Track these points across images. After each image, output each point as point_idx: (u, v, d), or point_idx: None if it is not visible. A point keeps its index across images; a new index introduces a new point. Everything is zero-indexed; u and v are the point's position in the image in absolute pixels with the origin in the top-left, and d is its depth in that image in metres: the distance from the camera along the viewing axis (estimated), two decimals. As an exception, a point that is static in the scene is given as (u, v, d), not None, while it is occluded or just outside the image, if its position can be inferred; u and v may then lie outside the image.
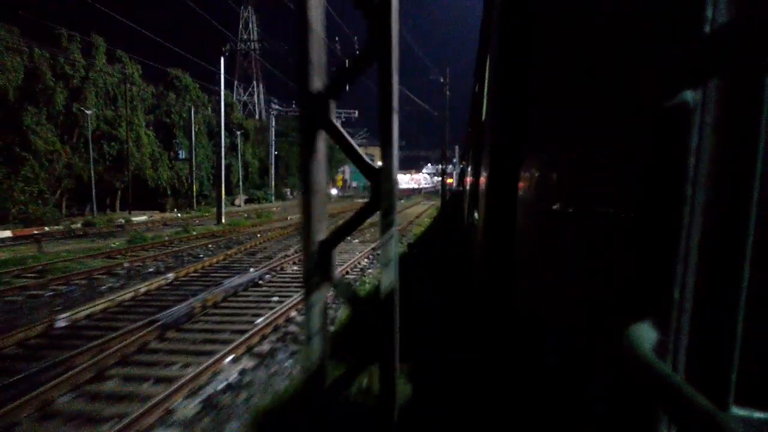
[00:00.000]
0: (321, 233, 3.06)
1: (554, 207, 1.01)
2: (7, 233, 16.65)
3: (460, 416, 2.76)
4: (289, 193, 44.03)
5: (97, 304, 6.81)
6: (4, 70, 20.67)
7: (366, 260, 11.03)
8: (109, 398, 4.13)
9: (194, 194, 31.22)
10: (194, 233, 16.66)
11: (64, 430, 3.62)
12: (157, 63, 33.18)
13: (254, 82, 55.96)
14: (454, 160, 49.96)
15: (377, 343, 2.59)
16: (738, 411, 0.47)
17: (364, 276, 9.24)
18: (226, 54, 20.06)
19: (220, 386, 4.27)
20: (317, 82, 2.99)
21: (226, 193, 36.89)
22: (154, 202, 31.75)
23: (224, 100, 40.89)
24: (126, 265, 10.25)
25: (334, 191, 51.62)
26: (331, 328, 5.65)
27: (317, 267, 2.99)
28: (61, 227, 18.39)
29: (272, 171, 40.72)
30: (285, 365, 4.71)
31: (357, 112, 48.34)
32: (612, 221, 0.65)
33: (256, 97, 55.93)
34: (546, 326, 1.02)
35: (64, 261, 10.51)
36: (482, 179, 2.39)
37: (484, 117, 2.99)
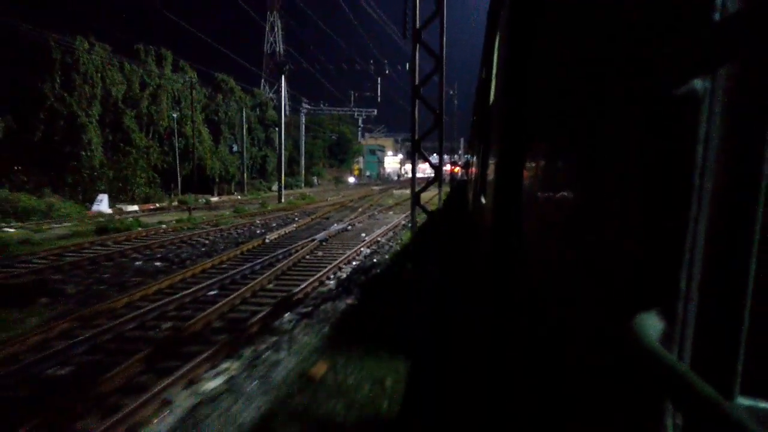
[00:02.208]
0: (416, 188, 9.50)
1: (558, 193, 1.00)
2: (135, 207, 23.01)
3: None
4: (315, 180, 50.25)
5: (272, 235, 13.05)
6: (114, 83, 26.83)
7: (407, 219, 17.29)
8: (321, 258, 10.39)
9: (245, 181, 37.38)
10: (269, 208, 22.90)
11: (306, 273, 9.85)
12: (189, 59, 39.01)
13: (280, 81, 62.08)
14: (460, 151, 55.70)
15: (435, 224, 8.90)
16: (743, 400, 0.47)
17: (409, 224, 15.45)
18: (288, 68, 26.09)
19: (367, 253, 10.54)
20: (417, 135, 9.50)
21: (263, 180, 43.26)
22: (206, 187, 38.05)
23: (258, 99, 46.91)
24: (257, 221, 16.55)
25: (351, 179, 57.82)
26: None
27: (415, 199, 9.36)
28: (165, 203, 24.73)
29: (302, 161, 46.91)
30: (389, 249, 10.94)
31: (375, 111, 54.44)
32: (618, 209, 0.65)
33: (281, 94, 62.02)
34: (549, 313, 1.03)
35: (217, 219, 16.80)
36: (491, 164, 2.38)
37: (491, 100, 3.02)
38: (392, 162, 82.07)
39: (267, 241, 12.22)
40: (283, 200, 26.78)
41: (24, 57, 22.80)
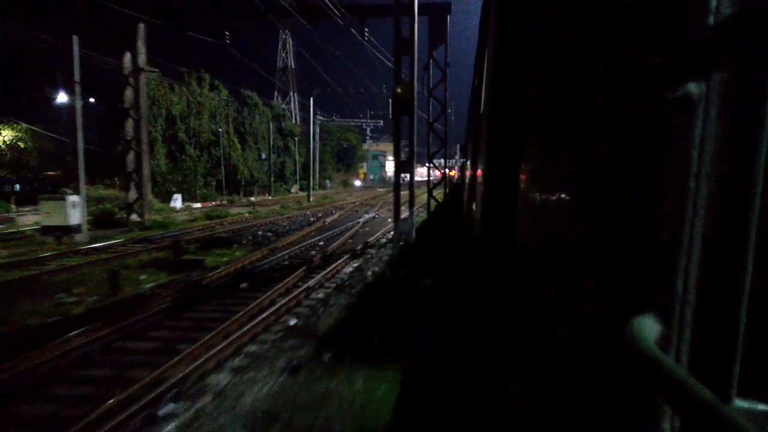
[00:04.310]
0: (430, 188, 15.71)
1: (555, 198, 1.00)
2: (198, 204, 28.77)
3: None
4: (328, 183, 56.19)
5: (328, 219, 18.87)
6: (173, 104, 32.65)
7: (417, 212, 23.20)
8: (370, 230, 16.27)
9: (271, 184, 43.17)
10: (304, 205, 28.69)
11: (366, 235, 15.72)
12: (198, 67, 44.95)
13: (291, 93, 68.10)
14: (457, 157, 61.80)
15: (443, 209, 14.95)
16: (741, 403, 0.47)
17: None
18: (317, 92, 31.95)
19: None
20: (429, 152, 15.72)
21: (283, 183, 49.01)
22: (235, 189, 43.87)
23: (275, 111, 52.51)
24: (307, 213, 22.38)
25: (357, 183, 63.78)
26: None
27: (430, 194, 15.50)
28: (217, 201, 30.48)
29: (317, 166, 52.81)
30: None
31: (382, 122, 60.62)
32: (614, 213, 0.65)
33: (292, 104, 68.04)
34: (547, 317, 1.03)
35: (279, 210, 22.62)
36: (479, 172, 2.35)
37: (482, 109, 3.08)
38: (393, 166, 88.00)
39: (326, 223, 18.08)
40: (311, 199, 32.60)
41: (107, 84, 28.61)
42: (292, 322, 6.02)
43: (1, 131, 36.32)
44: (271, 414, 3.63)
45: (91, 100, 28.27)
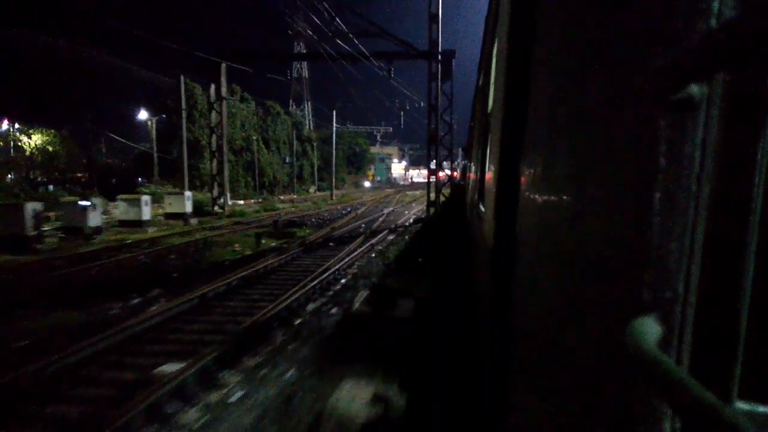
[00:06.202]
0: (439, 187, 21.26)
1: (556, 199, 1.03)
2: (241, 201, 34.14)
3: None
4: (344, 185, 61.74)
5: (358, 211, 24.25)
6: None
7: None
8: (394, 218, 21.67)
9: (294, 185, 48.66)
10: (330, 202, 34.04)
11: (394, 221, 21.12)
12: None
13: (304, 101, 73.73)
14: (458, 160, 67.23)
15: (450, 203, 20.44)
16: (742, 405, 0.48)
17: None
18: (338, 104, 37.35)
19: (415, 218, 21.85)
20: (441, 157, 21.40)
21: (301, 184, 54.43)
22: (260, 190, 49.33)
23: (294, 119, 58.17)
24: (338, 207, 27.77)
25: (367, 184, 69.28)
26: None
27: (439, 192, 21.03)
28: (254, 200, 35.89)
29: (333, 169, 58.24)
30: (424, 217, 22.21)
31: (391, 128, 66.33)
32: (616, 214, 0.66)
33: (306, 111, 73.60)
34: (547, 316, 1.06)
35: (313, 206, 27.99)
36: (490, 171, 2.54)
37: (490, 108, 3.15)
38: (398, 168, 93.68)
39: (357, 214, 23.47)
40: (333, 198, 38.01)
41: (164, 102, 34.18)
42: (372, 255, 11.41)
43: (32, 136, 41.75)
44: (378, 271, 9.12)
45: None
